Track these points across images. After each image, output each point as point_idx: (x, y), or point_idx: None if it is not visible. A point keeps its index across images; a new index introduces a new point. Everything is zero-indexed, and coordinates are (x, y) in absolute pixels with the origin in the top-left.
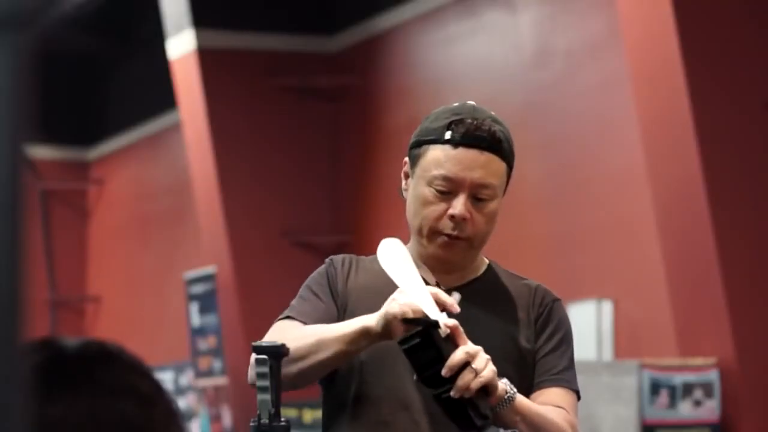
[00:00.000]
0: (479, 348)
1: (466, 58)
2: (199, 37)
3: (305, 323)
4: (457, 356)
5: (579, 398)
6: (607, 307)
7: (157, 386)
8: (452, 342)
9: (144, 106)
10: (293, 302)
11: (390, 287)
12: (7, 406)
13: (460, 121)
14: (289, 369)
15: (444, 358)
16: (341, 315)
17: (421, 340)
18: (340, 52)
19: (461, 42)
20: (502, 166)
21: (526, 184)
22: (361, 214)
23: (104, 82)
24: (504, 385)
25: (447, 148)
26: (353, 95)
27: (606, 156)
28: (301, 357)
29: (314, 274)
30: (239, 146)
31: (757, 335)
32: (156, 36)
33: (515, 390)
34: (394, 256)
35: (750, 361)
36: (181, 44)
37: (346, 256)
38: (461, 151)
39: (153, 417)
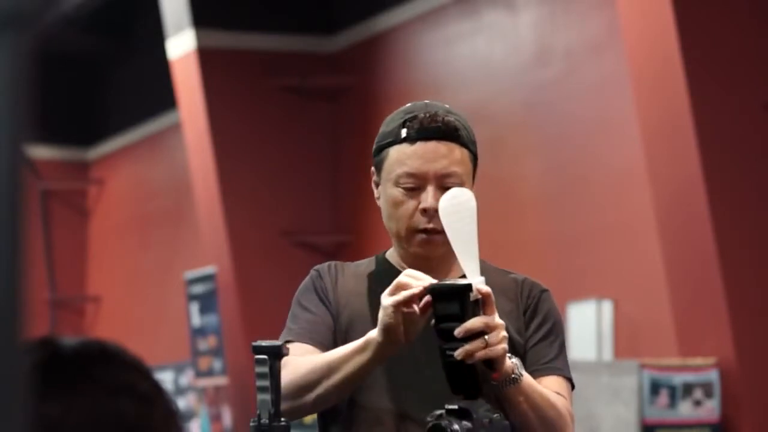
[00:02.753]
0: (502, 324)
1: (466, 58)
2: (199, 37)
3: (305, 342)
4: (475, 323)
5: (573, 386)
6: (607, 307)
7: (156, 386)
8: (480, 308)
9: (144, 106)
10: (289, 324)
11: (375, 291)
12: (7, 406)
13: (414, 118)
14: (305, 399)
15: (464, 319)
16: (336, 322)
17: (450, 292)
18: (340, 52)
19: (461, 42)
20: (464, 153)
21: (525, 184)
22: (361, 214)
23: (104, 82)
24: (513, 364)
25: (405, 145)
26: (353, 95)
27: (606, 156)
28: (316, 384)
29: (302, 287)
30: (239, 146)
31: (757, 335)
32: (156, 36)
33: (523, 372)
34: (456, 208)
35: (750, 361)
36: (181, 44)
37: (331, 263)
38: (420, 146)
39: (152, 417)
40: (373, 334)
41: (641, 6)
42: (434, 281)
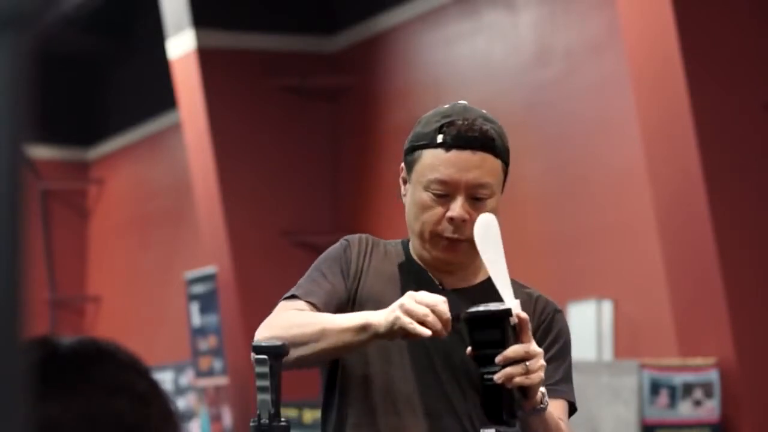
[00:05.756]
0: (541, 352)
1: (466, 58)
2: (199, 37)
3: (311, 303)
4: (518, 350)
5: (575, 410)
6: (607, 307)
7: (153, 385)
8: (516, 333)
9: (144, 106)
10: (301, 281)
11: (402, 275)
12: (7, 406)
13: (451, 123)
14: (289, 354)
15: (505, 346)
16: (352, 296)
17: (490, 319)
18: (340, 52)
19: (461, 42)
20: (497, 163)
21: (525, 184)
22: (361, 214)
23: (104, 82)
24: (541, 393)
25: (440, 151)
26: (353, 95)
27: (606, 156)
28: (302, 343)
29: (327, 254)
30: (239, 146)
31: (757, 335)
32: (156, 36)
33: (548, 402)
34: (487, 235)
35: (750, 361)
36: (181, 44)
37: (363, 236)
38: (454, 154)
39: (148, 415)
40: (374, 320)
41: (641, 6)
42: (447, 311)
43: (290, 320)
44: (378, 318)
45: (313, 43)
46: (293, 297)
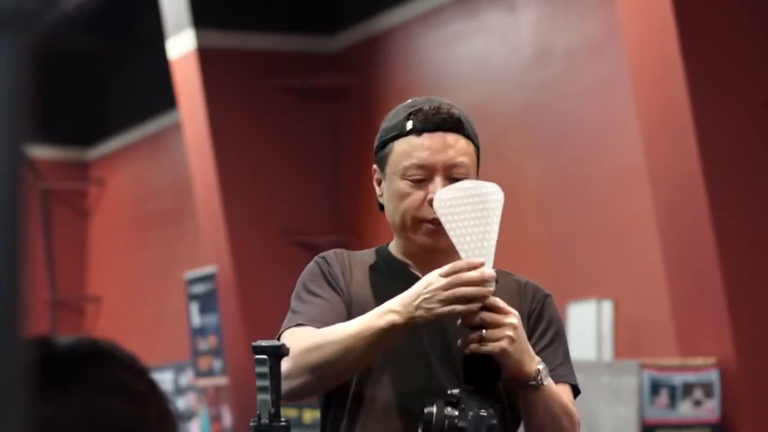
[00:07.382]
0: (509, 323)
1: (466, 58)
2: (199, 37)
3: (319, 328)
4: (473, 316)
5: (579, 392)
6: (607, 307)
7: (150, 384)
8: (487, 305)
9: (144, 106)
10: (296, 307)
11: (378, 284)
12: (7, 406)
13: (419, 110)
14: (320, 375)
15: None
16: (348, 308)
17: None
18: (340, 52)
19: (461, 42)
20: (468, 144)
21: (525, 184)
22: (361, 214)
23: (104, 82)
24: (536, 370)
25: (411, 138)
26: (353, 95)
27: (606, 156)
28: (326, 364)
29: (307, 274)
30: (239, 146)
31: (757, 335)
32: (156, 36)
33: (547, 381)
34: (464, 201)
35: (750, 361)
36: (181, 44)
37: (337, 250)
38: (426, 137)
39: (146, 415)
40: (399, 320)
41: (641, 6)
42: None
43: (304, 344)
44: (398, 316)
45: (313, 43)
46: (297, 326)
